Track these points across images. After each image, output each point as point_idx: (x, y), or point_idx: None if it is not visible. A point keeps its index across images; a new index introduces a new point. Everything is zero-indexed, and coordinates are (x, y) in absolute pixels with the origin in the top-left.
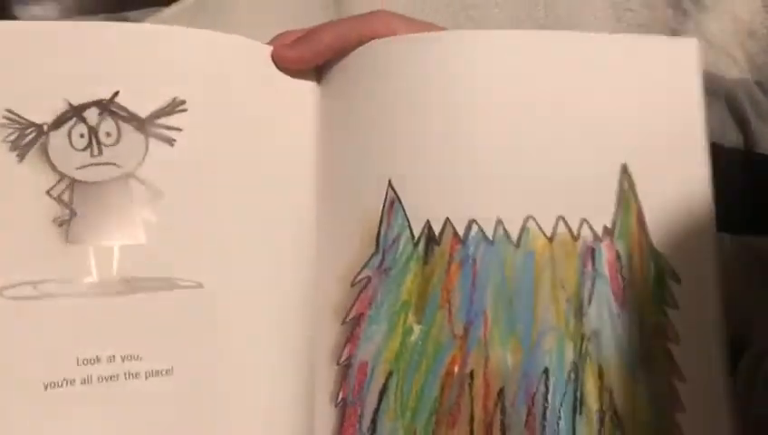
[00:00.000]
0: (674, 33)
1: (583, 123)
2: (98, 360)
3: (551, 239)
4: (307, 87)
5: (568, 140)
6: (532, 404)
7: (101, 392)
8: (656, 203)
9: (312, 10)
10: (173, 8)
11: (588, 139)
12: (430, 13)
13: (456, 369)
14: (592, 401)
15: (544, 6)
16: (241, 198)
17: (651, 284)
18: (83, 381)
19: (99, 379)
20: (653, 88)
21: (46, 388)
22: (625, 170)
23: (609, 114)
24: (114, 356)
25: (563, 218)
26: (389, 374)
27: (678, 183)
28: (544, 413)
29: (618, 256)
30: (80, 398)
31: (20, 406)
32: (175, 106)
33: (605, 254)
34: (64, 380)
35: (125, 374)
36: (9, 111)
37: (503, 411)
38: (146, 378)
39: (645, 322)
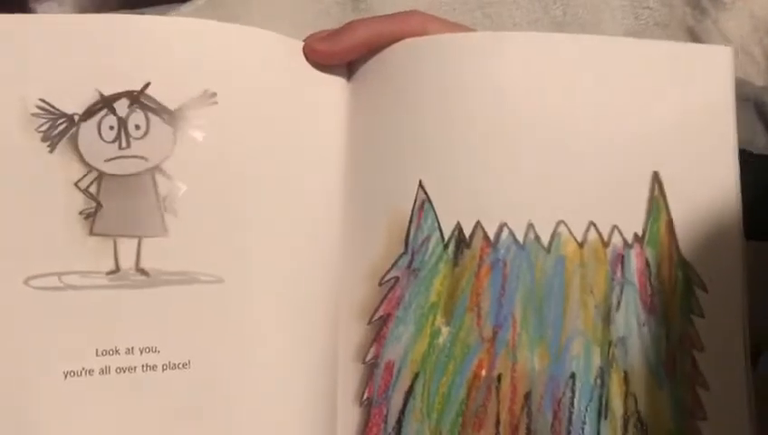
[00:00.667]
0: (691, 31)
1: (617, 129)
2: (116, 351)
3: (581, 245)
4: (338, 84)
5: (601, 146)
6: (558, 408)
7: (119, 383)
8: (685, 210)
9: (327, 10)
10: (185, 7)
11: (621, 145)
12: (448, 11)
13: (484, 372)
14: (617, 407)
15: (562, 4)
16: (266, 195)
17: (679, 292)
18: (101, 372)
19: (117, 370)
20: (687, 95)
21: (66, 377)
22: (656, 177)
23: (643, 121)
24: (133, 348)
25: (594, 224)
26: (416, 375)
27: (708, 190)
28: (570, 418)
29: (647, 264)
30: (98, 388)
31: (40, 394)
32: (206, 99)
33: (634, 261)
34: (83, 369)
35: (143, 366)
36: (42, 100)
37: (529, 415)
38: (163, 370)
39: (671, 329)
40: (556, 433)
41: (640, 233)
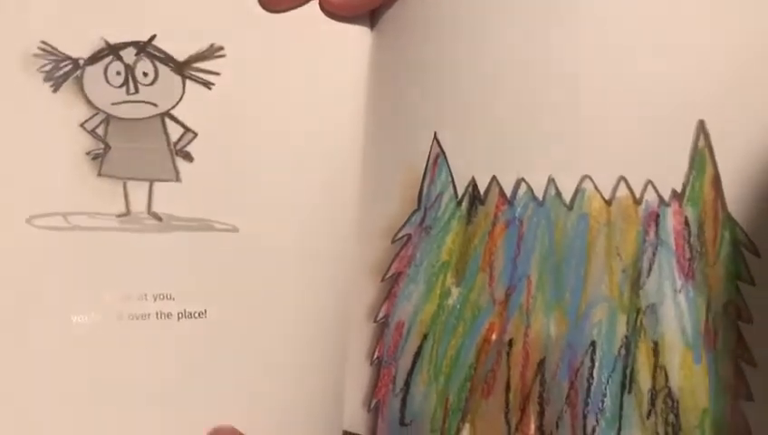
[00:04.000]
0: None
1: (657, 70)
2: (129, 297)
3: (609, 202)
4: (359, 33)
5: (637, 90)
6: (576, 378)
7: (131, 331)
8: (734, 166)
9: None
10: None
11: (662, 88)
12: None
13: (494, 336)
14: (644, 380)
15: None
16: (281, 145)
17: (724, 256)
18: (113, 318)
19: (129, 316)
20: (741, 37)
21: (73, 321)
22: (702, 127)
23: (690, 61)
24: (146, 295)
25: (625, 179)
26: (425, 337)
27: (763, 145)
28: (589, 389)
29: (686, 223)
30: (109, 334)
31: (44, 337)
32: (213, 52)
33: (671, 220)
34: (94, 314)
35: (157, 314)
36: (44, 42)
37: (542, 383)
38: (178, 319)
39: (713, 298)
40: (572, 404)
41: (679, 189)
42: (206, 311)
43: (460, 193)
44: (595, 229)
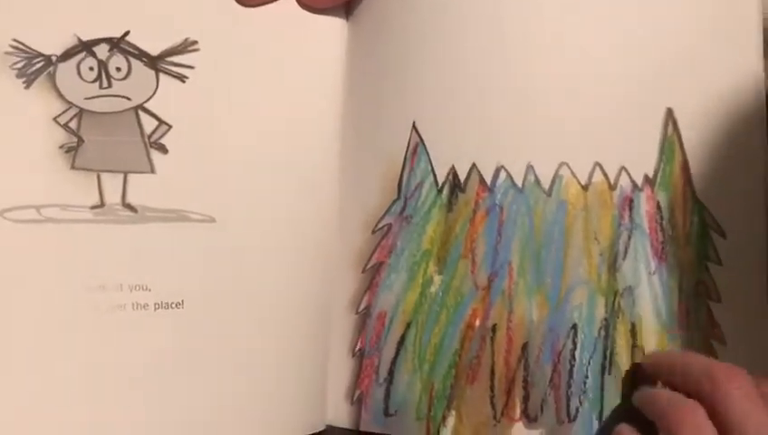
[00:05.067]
0: None
1: (627, 61)
2: (104, 288)
3: (585, 188)
4: (335, 25)
5: (610, 80)
6: (558, 361)
7: (108, 321)
8: (702, 152)
9: None
10: None
11: (632, 78)
12: None
13: (478, 322)
14: (623, 360)
15: None
16: (257, 137)
17: (694, 238)
18: (88, 309)
19: (106, 308)
20: (712, 28)
21: (49, 313)
22: (671, 114)
23: (658, 52)
24: (122, 285)
25: (600, 165)
26: (408, 325)
27: (728, 132)
28: (571, 371)
29: (658, 207)
30: (84, 325)
31: (20, 330)
32: (186, 46)
33: (644, 205)
34: (69, 306)
35: (133, 305)
36: (16, 40)
37: (526, 368)
38: (155, 310)
39: (684, 278)
40: (555, 387)
41: (651, 175)
42: (182, 302)
43: (440, 181)
44: (572, 215)
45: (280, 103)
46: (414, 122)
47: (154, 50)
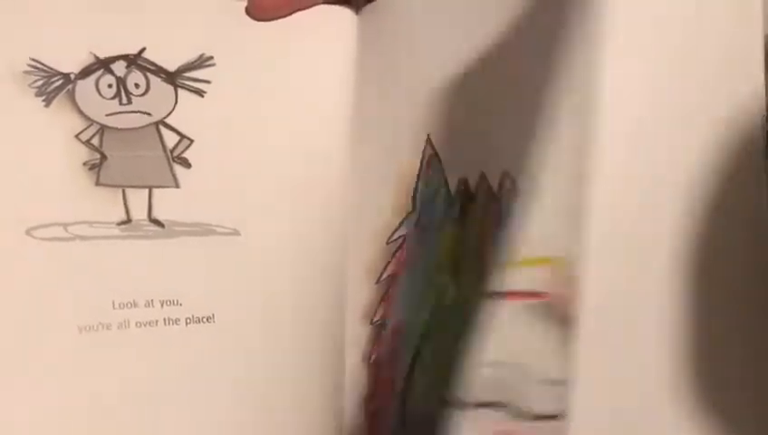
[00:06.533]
0: None
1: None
2: (135, 304)
3: None
4: (346, 37)
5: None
6: None
7: (140, 338)
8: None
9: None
10: None
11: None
12: None
13: None
14: None
15: None
16: (273, 148)
17: None
18: (120, 326)
19: (137, 324)
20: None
21: (81, 331)
22: None
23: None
24: (152, 301)
25: None
26: (423, 337)
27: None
28: None
29: None
30: (117, 343)
31: (53, 349)
32: (203, 61)
33: None
34: (100, 324)
35: (165, 320)
36: (33, 59)
37: None
38: (186, 324)
39: None
40: None
41: None
42: (213, 315)
43: (453, 192)
44: None
45: (293, 115)
46: (429, 135)
47: (171, 65)
